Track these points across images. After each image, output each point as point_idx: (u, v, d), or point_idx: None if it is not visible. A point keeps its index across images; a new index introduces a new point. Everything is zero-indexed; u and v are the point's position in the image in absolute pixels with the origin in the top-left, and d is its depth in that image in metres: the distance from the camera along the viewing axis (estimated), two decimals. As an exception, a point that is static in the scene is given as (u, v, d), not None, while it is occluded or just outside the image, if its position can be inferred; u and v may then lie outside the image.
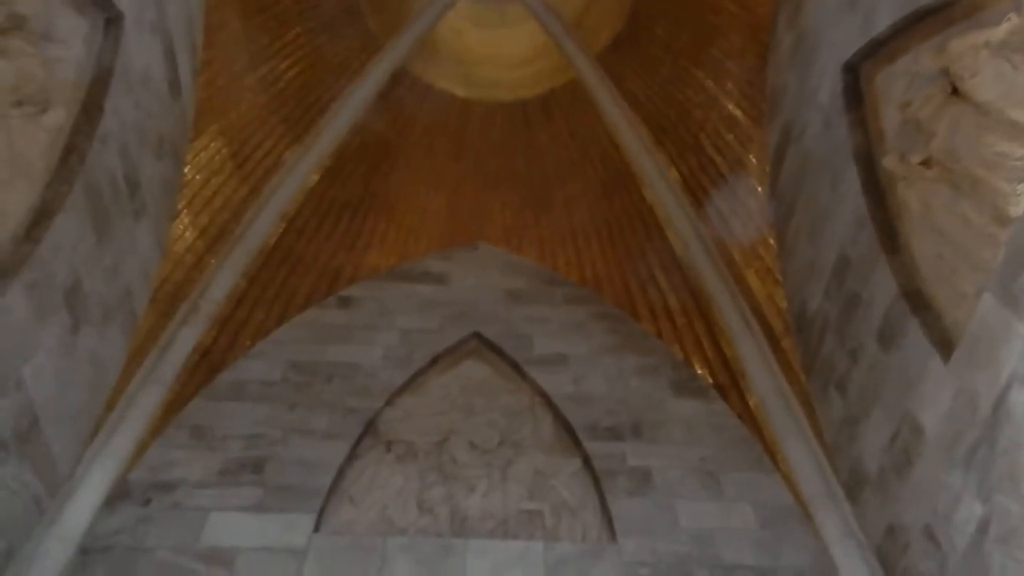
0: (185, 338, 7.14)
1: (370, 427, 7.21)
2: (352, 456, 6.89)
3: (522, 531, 6.35)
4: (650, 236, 8.92)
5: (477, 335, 8.42)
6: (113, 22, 6.03)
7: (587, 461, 6.96)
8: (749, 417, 7.28)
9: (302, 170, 8.65)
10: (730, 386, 7.59)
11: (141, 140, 6.58)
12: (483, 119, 10.03)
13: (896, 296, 5.45)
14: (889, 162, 5.71)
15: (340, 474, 6.67)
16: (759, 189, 7.95)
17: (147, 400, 6.60)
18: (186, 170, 7.64)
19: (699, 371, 7.98)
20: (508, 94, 10.05)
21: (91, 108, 5.77)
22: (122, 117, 6.20)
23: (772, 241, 7.69)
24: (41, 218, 5.23)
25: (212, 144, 7.97)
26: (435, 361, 8.08)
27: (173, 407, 6.93)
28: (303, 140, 8.75)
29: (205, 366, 7.38)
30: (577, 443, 7.17)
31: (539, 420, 7.49)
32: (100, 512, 5.92)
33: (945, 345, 4.94)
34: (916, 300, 5.32)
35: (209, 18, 7.77)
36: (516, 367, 8.06)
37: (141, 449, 6.50)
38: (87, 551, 5.67)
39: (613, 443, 7.07)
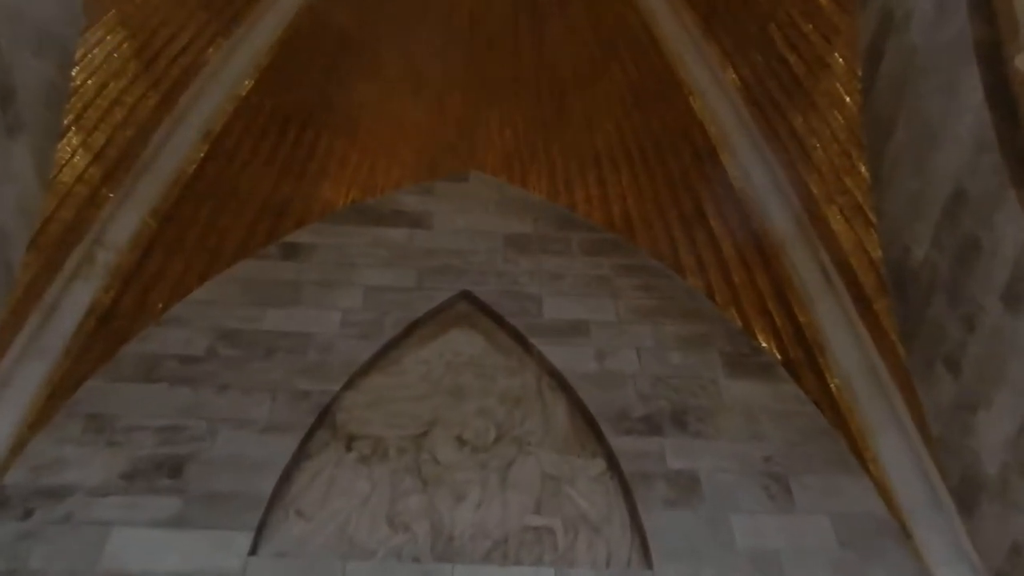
0: (77, 297, 7.17)
1: (325, 417, 7.27)
2: (301, 455, 6.96)
3: (527, 555, 6.42)
4: (699, 162, 8.87)
5: (467, 295, 8.46)
6: None
7: (613, 462, 7.03)
8: (829, 403, 7.33)
9: (231, 72, 8.62)
10: (804, 362, 7.62)
11: (14, 32, 6.46)
12: (475, 5, 9.92)
13: (1029, 242, 5.40)
14: (1023, 63, 5.62)
15: (285, 479, 6.74)
16: (846, 99, 7.85)
17: (28, 379, 6.65)
18: (75, 73, 7.55)
19: (763, 343, 8.02)
20: (509, -30, 9.99)
21: (-56, -14, 5.67)
22: (-14, -1, 6.10)
23: (863, 169, 7.60)
24: None
25: (109, 38, 7.85)
26: (411, 330, 8.11)
27: (62, 389, 6.97)
28: (232, 32, 8.68)
29: (105, 335, 7.41)
30: (600, 438, 7.22)
31: (549, 408, 7.54)
32: (-32, 526, 5.99)
33: (1093, 306, 4.92)
34: (1056, 247, 5.28)
35: None
36: (519, 338, 8.10)
37: (20, 444, 6.55)
38: (-48, 577, 5.77)
39: (648, 438, 7.14)
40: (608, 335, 8.09)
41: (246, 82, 8.81)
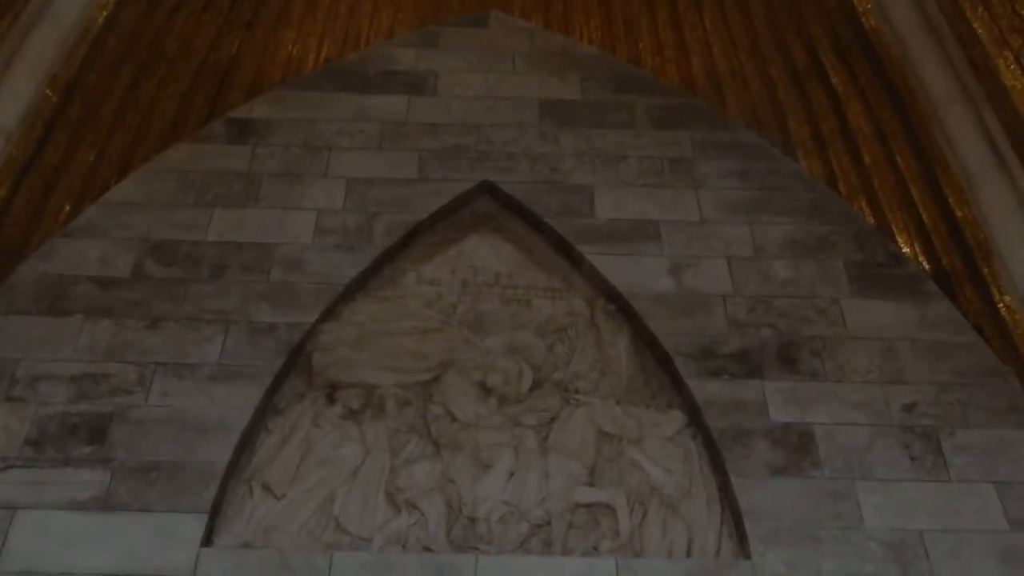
0: (-54, 199, 7.11)
1: (298, 358, 7.25)
2: (267, 411, 6.94)
3: (578, 541, 6.40)
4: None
5: (489, 188, 8.38)
6: None
7: (696, 415, 6.97)
8: (998, 330, 7.18)
9: None
10: (963, 274, 7.49)
11: None
12: None
13: None
14: None
15: (246, 443, 6.71)
16: None
17: None
18: None
19: (904, 247, 7.87)
20: None
21: None
22: None
23: (1050, -2, 7.35)
24: None
25: None
26: (412, 238, 8.05)
27: (-64, 326, 6.96)
28: None
29: (-11, 251, 7.37)
30: (677, 383, 7.18)
31: (607, 343, 7.48)
32: None
33: None
34: None
35: None
36: (563, 246, 8.01)
37: None
38: None
39: (744, 382, 7.05)
40: (688, 240, 7.93)
41: None
